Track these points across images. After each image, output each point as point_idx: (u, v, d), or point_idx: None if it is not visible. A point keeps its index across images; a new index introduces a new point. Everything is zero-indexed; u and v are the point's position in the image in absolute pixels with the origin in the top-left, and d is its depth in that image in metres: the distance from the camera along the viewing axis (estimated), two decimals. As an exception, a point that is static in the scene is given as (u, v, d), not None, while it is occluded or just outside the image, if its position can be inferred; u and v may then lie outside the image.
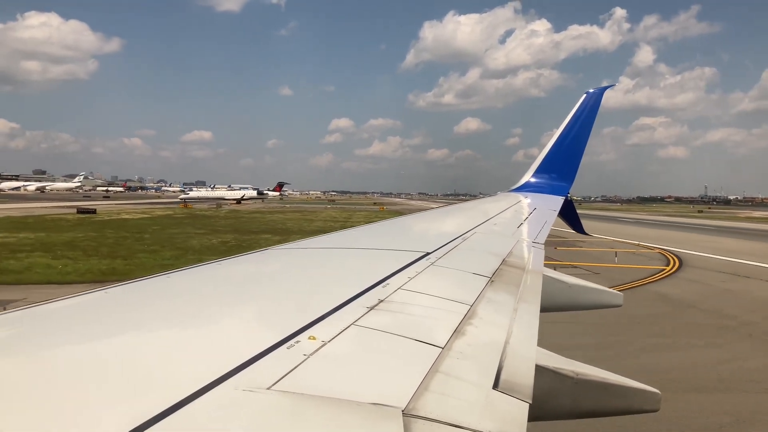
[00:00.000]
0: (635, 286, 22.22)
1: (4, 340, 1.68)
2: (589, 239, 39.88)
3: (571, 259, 29.24)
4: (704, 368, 12.30)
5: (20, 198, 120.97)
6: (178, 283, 2.53)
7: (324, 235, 4.40)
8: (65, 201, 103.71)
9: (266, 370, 1.37)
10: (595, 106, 10.04)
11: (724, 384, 11.30)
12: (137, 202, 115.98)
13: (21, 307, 1.95)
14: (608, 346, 13.58)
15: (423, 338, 1.79)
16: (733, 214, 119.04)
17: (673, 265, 28.45)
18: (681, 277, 24.69)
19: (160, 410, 1.12)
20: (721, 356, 13.24)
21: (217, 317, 1.97)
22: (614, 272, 25.45)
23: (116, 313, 2.04)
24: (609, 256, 31.22)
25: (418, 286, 2.49)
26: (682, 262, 29.26)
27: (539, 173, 10.22)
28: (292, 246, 3.85)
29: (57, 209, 72.61)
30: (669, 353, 13.42)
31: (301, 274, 2.98)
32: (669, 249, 35.82)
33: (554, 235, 31.88)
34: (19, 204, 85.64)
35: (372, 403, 1.27)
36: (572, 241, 40.22)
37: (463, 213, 7.93)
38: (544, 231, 5.59)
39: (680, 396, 10.28)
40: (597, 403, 2.21)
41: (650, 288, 21.99)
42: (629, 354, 13.14)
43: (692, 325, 16.50)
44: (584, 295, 4.12)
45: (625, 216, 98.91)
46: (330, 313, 1.90)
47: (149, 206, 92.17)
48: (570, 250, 34.60)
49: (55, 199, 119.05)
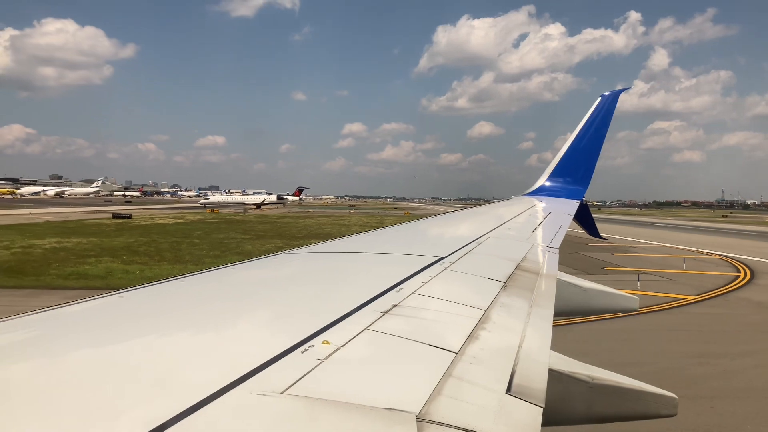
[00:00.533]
0: (722, 293, 21.95)
1: (24, 343, 1.70)
2: (640, 245, 39.46)
3: (632, 265, 28.86)
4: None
5: (45, 203, 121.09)
6: (193, 287, 2.56)
7: (338, 240, 4.39)
8: (91, 206, 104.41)
9: (280, 375, 1.38)
10: (611, 109, 9.96)
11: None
12: (161, 207, 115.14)
13: (38, 309, 1.96)
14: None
15: (436, 343, 1.80)
16: (758, 219, 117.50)
17: (744, 271, 28.08)
18: (761, 284, 24.37)
19: (174, 414, 1.13)
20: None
21: (231, 321, 1.99)
22: (691, 279, 25.07)
23: (132, 316, 2.05)
24: (671, 262, 30.89)
25: (431, 290, 2.50)
26: (752, 269, 28.83)
27: (554, 177, 10.15)
28: (307, 250, 3.87)
29: (88, 214, 73.31)
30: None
31: (315, 278, 3.00)
32: (728, 255, 35.31)
33: (606, 241, 31.53)
34: (48, 209, 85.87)
35: (386, 407, 1.28)
36: (624, 247, 39.87)
37: (477, 217, 7.90)
38: (559, 235, 5.56)
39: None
40: (613, 407, 2.18)
41: (739, 295, 21.71)
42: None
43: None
44: (599, 299, 4.11)
45: (656, 221, 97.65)
46: (343, 318, 1.91)
47: (175, 211, 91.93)
48: (627, 255, 34.20)
49: (78, 203, 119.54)
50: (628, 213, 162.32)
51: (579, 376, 2.09)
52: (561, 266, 3.94)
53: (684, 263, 29.49)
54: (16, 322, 1.83)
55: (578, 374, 2.10)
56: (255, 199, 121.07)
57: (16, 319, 1.86)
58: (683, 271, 27.31)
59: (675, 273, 26.78)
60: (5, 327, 1.78)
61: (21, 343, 1.70)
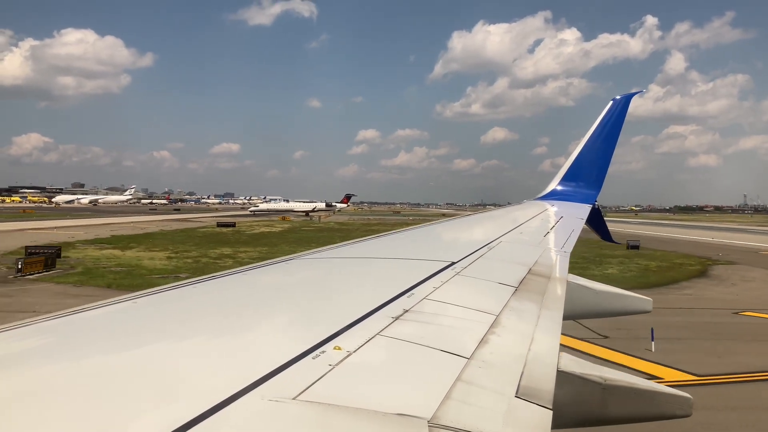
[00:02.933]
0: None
1: (38, 348, 1.72)
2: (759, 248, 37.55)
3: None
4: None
5: (101, 212, 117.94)
6: (204, 293, 2.57)
7: (350, 244, 4.39)
8: (141, 214, 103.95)
9: (292, 380, 1.38)
10: (623, 112, 9.87)
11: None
12: (217, 215, 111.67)
13: (54, 314, 1.98)
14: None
15: (448, 348, 1.80)
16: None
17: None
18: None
19: (187, 420, 1.13)
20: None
21: (243, 327, 2.00)
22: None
23: (144, 322, 2.06)
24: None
25: (443, 295, 2.50)
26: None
27: (566, 181, 10.08)
28: (319, 255, 3.87)
29: (165, 223, 74.88)
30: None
31: (327, 283, 3.01)
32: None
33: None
34: (114, 219, 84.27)
35: (397, 413, 1.28)
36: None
37: (489, 221, 7.89)
38: (571, 239, 5.54)
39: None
40: (626, 409, 2.16)
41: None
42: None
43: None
44: (613, 302, 4.11)
45: (715, 224, 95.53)
46: (355, 323, 1.92)
47: (240, 218, 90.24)
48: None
49: (128, 212, 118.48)
50: (667, 218, 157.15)
51: (591, 377, 2.08)
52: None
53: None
54: (32, 328, 1.86)
55: (591, 375, 2.08)
56: (304, 207, 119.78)
57: (33, 324, 1.89)
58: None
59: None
60: (23, 333, 1.81)
61: (37, 348, 1.73)
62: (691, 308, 22.87)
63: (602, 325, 16.95)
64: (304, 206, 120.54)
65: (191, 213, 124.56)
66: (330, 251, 4.06)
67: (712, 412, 11.29)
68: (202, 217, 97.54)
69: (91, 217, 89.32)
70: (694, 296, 25.71)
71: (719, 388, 13.16)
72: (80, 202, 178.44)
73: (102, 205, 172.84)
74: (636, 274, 31.84)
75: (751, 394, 12.82)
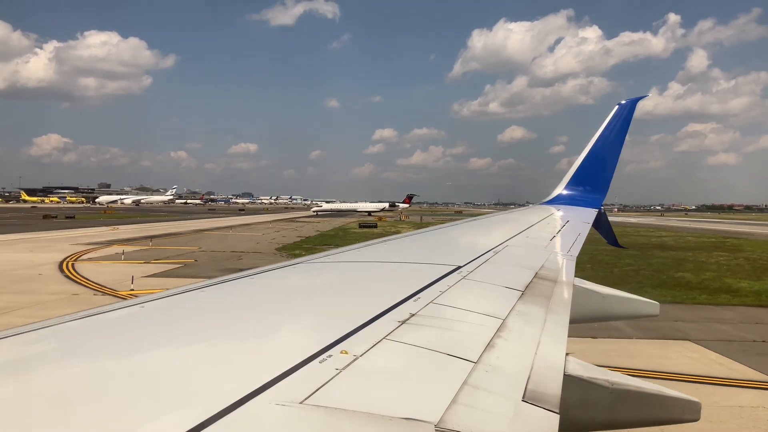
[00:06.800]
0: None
1: (47, 352, 1.73)
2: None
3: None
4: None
5: (188, 213, 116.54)
6: (210, 297, 2.58)
7: (356, 248, 4.38)
8: (229, 216, 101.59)
9: (299, 384, 1.39)
10: (628, 117, 9.89)
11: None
12: (279, 217, 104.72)
13: (63, 317, 1.99)
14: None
15: (454, 352, 1.80)
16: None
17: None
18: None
19: (194, 425, 1.13)
20: None
21: (251, 331, 2.01)
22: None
23: (151, 326, 2.07)
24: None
25: (449, 300, 2.50)
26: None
27: (571, 186, 10.14)
28: (325, 258, 3.89)
29: (293, 224, 75.11)
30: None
31: (333, 287, 3.01)
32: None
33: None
34: (224, 221, 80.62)
35: (404, 417, 1.28)
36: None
37: (495, 225, 7.88)
38: (577, 243, 5.55)
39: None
40: (634, 413, 2.16)
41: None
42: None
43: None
44: (620, 305, 4.10)
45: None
46: (361, 327, 1.92)
47: (308, 219, 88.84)
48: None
49: (198, 213, 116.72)
50: (705, 217, 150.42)
51: (598, 381, 2.08)
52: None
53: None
54: (41, 333, 1.86)
55: (598, 380, 2.08)
56: (368, 207, 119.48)
57: (44, 329, 1.89)
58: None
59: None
60: (30, 337, 1.81)
61: (46, 352, 1.74)
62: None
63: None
64: (369, 206, 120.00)
65: (258, 214, 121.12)
66: (337, 255, 4.08)
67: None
68: (300, 217, 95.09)
69: (204, 218, 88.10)
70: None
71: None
72: (123, 203, 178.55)
73: (144, 205, 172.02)
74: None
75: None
